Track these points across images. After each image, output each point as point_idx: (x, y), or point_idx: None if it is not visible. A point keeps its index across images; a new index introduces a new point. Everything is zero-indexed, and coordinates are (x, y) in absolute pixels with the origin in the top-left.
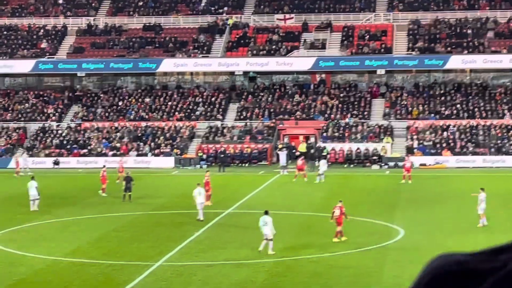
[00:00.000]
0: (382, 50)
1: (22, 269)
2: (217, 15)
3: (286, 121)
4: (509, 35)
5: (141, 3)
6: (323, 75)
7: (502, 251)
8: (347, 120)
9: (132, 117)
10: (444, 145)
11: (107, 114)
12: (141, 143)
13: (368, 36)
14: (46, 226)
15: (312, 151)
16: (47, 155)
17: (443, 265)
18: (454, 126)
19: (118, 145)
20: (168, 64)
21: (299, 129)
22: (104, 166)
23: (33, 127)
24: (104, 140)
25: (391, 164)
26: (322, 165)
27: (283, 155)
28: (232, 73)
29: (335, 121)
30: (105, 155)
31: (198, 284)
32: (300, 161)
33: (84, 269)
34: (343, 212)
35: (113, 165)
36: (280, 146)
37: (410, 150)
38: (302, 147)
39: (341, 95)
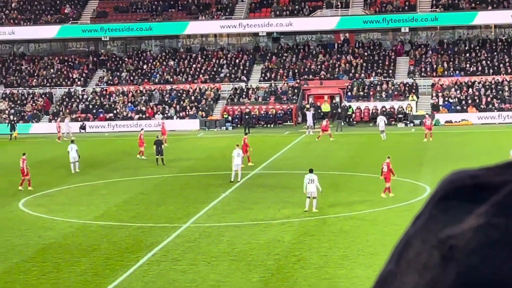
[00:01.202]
0: (406, 7)
1: (51, 233)
2: None
3: (310, 81)
4: None
5: None
6: (347, 34)
7: None
8: (371, 79)
9: (156, 80)
10: (469, 102)
11: (131, 78)
12: (166, 106)
13: None
14: (74, 190)
15: (339, 110)
16: (73, 120)
17: (457, 179)
18: (479, 83)
19: (143, 108)
20: (195, 27)
21: (324, 89)
22: (142, 130)
23: (58, 92)
24: (129, 104)
25: (417, 122)
26: (380, 120)
27: (310, 115)
28: (255, 34)
29: (360, 80)
30: (131, 118)
31: (226, 244)
32: (324, 122)
33: (113, 232)
34: (390, 169)
35: (139, 129)
36: (307, 106)
37: (435, 108)
38: (326, 107)
39: (365, 54)
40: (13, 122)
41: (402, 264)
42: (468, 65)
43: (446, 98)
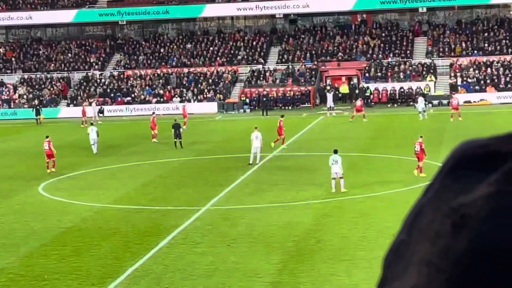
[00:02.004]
0: None
1: (70, 217)
2: None
3: (328, 63)
4: None
5: None
6: (364, 15)
7: None
8: (389, 59)
9: (174, 63)
10: (488, 81)
11: (149, 61)
12: (184, 90)
13: None
14: (93, 173)
15: (356, 91)
16: (91, 104)
17: (467, 148)
18: (498, 62)
19: (161, 92)
20: (211, 10)
21: (342, 70)
22: (153, 113)
23: (76, 76)
24: (147, 87)
25: (435, 102)
26: (420, 102)
27: (330, 96)
28: (272, 16)
29: (378, 61)
30: (149, 102)
31: (245, 226)
32: (359, 102)
33: (132, 215)
34: (422, 148)
35: (157, 112)
36: (327, 87)
37: (454, 88)
38: (344, 88)
39: (383, 34)
40: (38, 107)
41: (414, 233)
42: (486, 45)
43: (465, 78)
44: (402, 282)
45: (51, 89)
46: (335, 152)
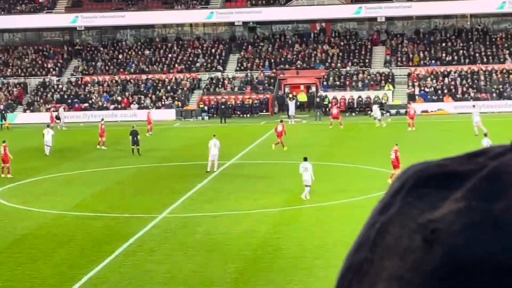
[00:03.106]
0: None
1: (26, 224)
2: None
3: (286, 71)
4: None
5: None
6: (323, 24)
7: (478, 155)
8: (347, 68)
9: (132, 70)
10: (445, 91)
11: (107, 67)
12: (142, 96)
13: None
14: (49, 180)
15: (317, 100)
16: (48, 110)
17: (424, 168)
18: (455, 72)
19: (119, 98)
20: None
21: (300, 78)
22: (102, 120)
23: (33, 82)
24: (105, 94)
25: (393, 111)
26: (376, 110)
27: (292, 104)
28: (231, 24)
29: (336, 69)
30: (106, 108)
31: (202, 234)
32: (335, 110)
33: (88, 222)
34: (397, 156)
35: (115, 119)
36: (290, 95)
37: (411, 97)
38: (303, 97)
39: (342, 43)
40: (3, 112)
41: (380, 250)
42: (444, 55)
43: (422, 88)
44: None
45: (7, 94)
46: (305, 159)
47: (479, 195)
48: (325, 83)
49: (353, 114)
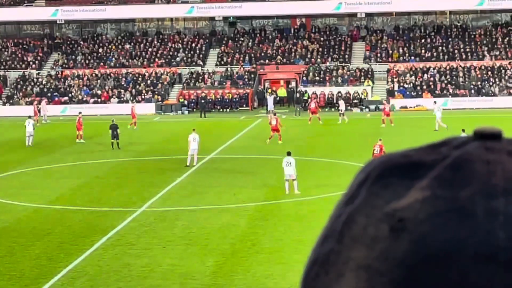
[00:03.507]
0: None
1: (4, 217)
2: None
3: (266, 66)
4: None
5: None
6: (303, 19)
7: (441, 145)
8: (327, 64)
9: (112, 64)
10: (424, 87)
11: (87, 61)
12: (122, 90)
13: None
14: (28, 173)
15: (297, 95)
16: (27, 103)
17: (390, 159)
18: (434, 69)
19: (99, 92)
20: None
21: (280, 73)
22: (80, 113)
23: (13, 75)
24: (85, 88)
25: (372, 107)
26: (341, 105)
27: (270, 99)
28: (212, 19)
29: (316, 65)
30: (86, 102)
31: (181, 228)
32: (313, 104)
33: (67, 216)
34: (383, 151)
35: (94, 112)
36: (269, 91)
37: (390, 93)
38: (282, 92)
39: (322, 39)
40: None
41: (346, 241)
42: (423, 51)
43: (401, 84)
44: None
45: None
46: (288, 154)
47: (444, 184)
48: (304, 78)
49: (333, 109)
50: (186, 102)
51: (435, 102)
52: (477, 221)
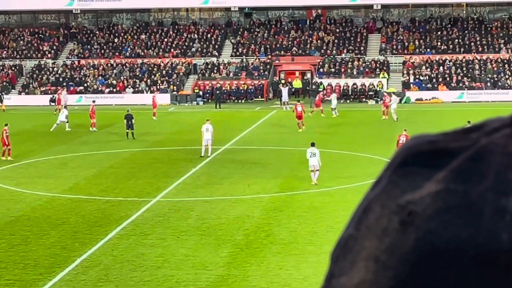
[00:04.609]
0: None
1: (20, 206)
2: None
3: (282, 57)
4: None
5: None
6: (319, 11)
7: (474, 130)
8: (343, 55)
9: (127, 54)
10: (440, 80)
11: (102, 51)
12: (137, 80)
13: None
14: (43, 163)
15: (313, 87)
16: (43, 93)
17: (415, 144)
18: (450, 61)
19: (114, 82)
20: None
21: (295, 65)
22: (93, 101)
23: (28, 64)
24: (100, 77)
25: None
26: (334, 99)
27: (285, 90)
28: (227, 9)
29: (331, 56)
30: (102, 92)
31: (195, 219)
32: (317, 97)
33: (82, 205)
34: None
35: (109, 102)
36: (283, 82)
37: (406, 85)
38: (298, 83)
39: (337, 30)
40: (0, 94)
41: (363, 229)
42: (439, 43)
43: (417, 76)
44: (350, 277)
45: (3, 76)
46: (312, 144)
47: (459, 177)
48: (320, 70)
49: (348, 101)
50: (201, 92)
51: (392, 94)
52: (483, 220)
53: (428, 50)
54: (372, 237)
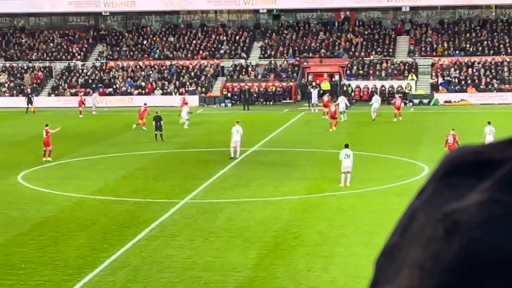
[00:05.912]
0: None
1: (49, 207)
2: None
3: (310, 59)
4: None
5: None
6: (348, 13)
7: None
8: (371, 57)
9: (156, 56)
10: (469, 82)
11: (131, 53)
12: (166, 82)
13: None
14: (73, 164)
15: (344, 88)
16: (72, 94)
17: (459, 155)
18: (479, 63)
19: (143, 84)
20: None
21: (324, 67)
22: (145, 104)
23: (58, 66)
24: (129, 79)
25: (416, 101)
26: (341, 101)
27: (314, 93)
28: (256, 11)
29: (360, 58)
30: (130, 94)
31: (224, 220)
32: (326, 98)
33: (110, 206)
34: (456, 140)
35: (138, 103)
36: (313, 84)
37: (434, 87)
38: (326, 85)
39: (366, 32)
40: (30, 96)
41: (407, 237)
42: (468, 45)
43: (446, 78)
44: (394, 284)
45: (33, 77)
46: (346, 146)
47: (504, 187)
48: (348, 72)
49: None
50: (229, 94)
51: (374, 94)
52: None
53: (457, 52)
54: (417, 245)
